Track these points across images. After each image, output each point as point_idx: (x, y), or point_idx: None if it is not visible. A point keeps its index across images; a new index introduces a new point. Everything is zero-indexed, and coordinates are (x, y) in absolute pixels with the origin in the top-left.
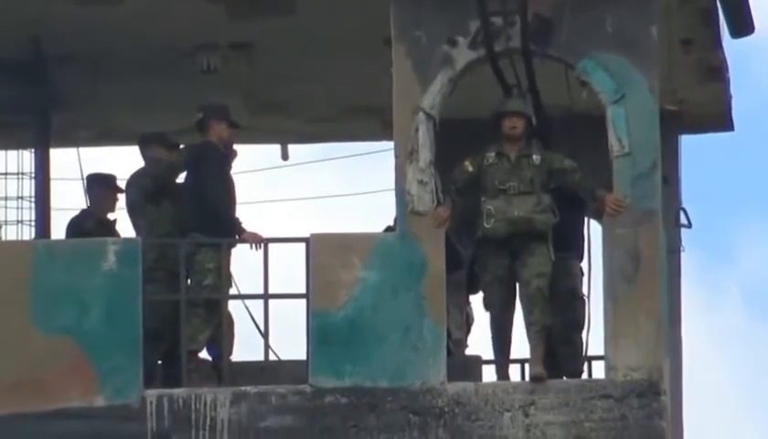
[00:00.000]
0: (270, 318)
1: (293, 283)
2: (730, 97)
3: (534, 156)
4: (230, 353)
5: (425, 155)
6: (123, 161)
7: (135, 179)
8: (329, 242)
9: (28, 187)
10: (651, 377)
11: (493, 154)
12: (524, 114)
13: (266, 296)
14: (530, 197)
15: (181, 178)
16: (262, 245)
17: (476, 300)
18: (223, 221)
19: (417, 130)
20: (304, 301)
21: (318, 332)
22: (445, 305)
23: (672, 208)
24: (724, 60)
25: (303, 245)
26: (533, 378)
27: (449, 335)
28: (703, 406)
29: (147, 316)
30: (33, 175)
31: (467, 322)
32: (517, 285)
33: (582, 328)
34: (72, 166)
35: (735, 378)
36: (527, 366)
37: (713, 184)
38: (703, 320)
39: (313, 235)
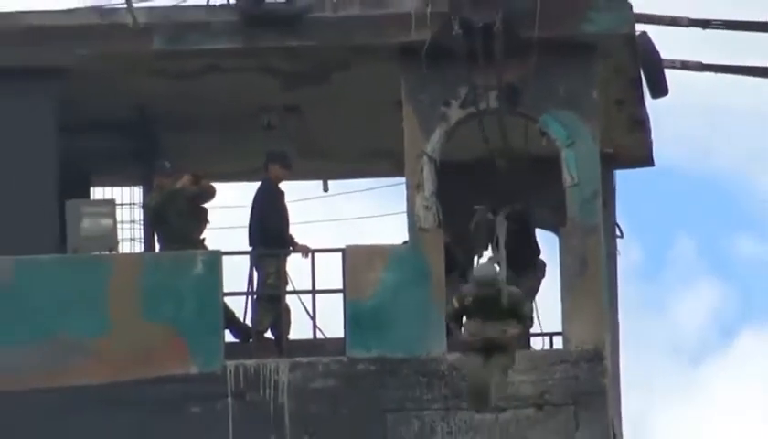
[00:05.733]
0: (317, 307)
1: (333, 282)
2: (651, 142)
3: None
4: (288, 333)
5: (429, 187)
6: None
7: (146, 201)
8: (360, 252)
9: (138, 213)
10: (596, 347)
11: (471, 298)
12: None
13: (314, 292)
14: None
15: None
16: (310, 254)
17: None
18: (280, 238)
19: (422, 169)
20: (341, 295)
21: (352, 317)
22: (445, 296)
23: (609, 224)
24: (647, 115)
25: (340, 254)
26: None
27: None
28: (637, 369)
29: None
30: (141, 204)
31: None
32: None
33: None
34: None
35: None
36: None
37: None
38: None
39: (348, 246)
